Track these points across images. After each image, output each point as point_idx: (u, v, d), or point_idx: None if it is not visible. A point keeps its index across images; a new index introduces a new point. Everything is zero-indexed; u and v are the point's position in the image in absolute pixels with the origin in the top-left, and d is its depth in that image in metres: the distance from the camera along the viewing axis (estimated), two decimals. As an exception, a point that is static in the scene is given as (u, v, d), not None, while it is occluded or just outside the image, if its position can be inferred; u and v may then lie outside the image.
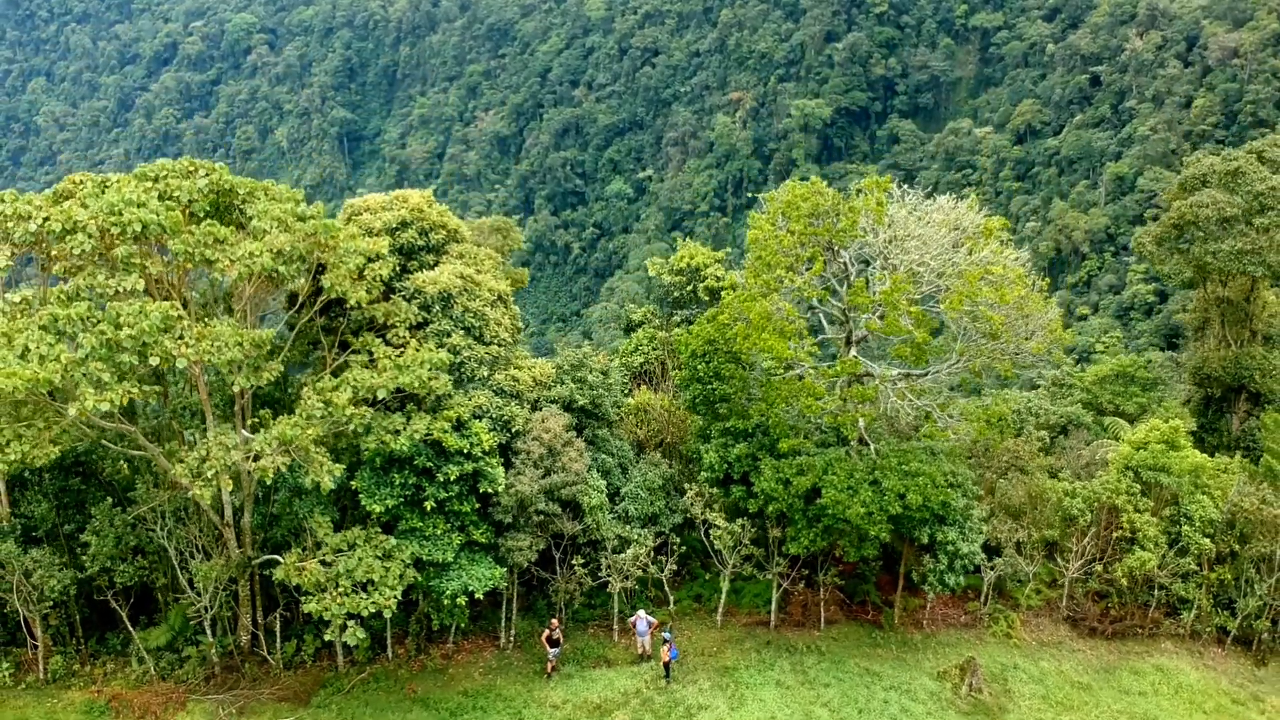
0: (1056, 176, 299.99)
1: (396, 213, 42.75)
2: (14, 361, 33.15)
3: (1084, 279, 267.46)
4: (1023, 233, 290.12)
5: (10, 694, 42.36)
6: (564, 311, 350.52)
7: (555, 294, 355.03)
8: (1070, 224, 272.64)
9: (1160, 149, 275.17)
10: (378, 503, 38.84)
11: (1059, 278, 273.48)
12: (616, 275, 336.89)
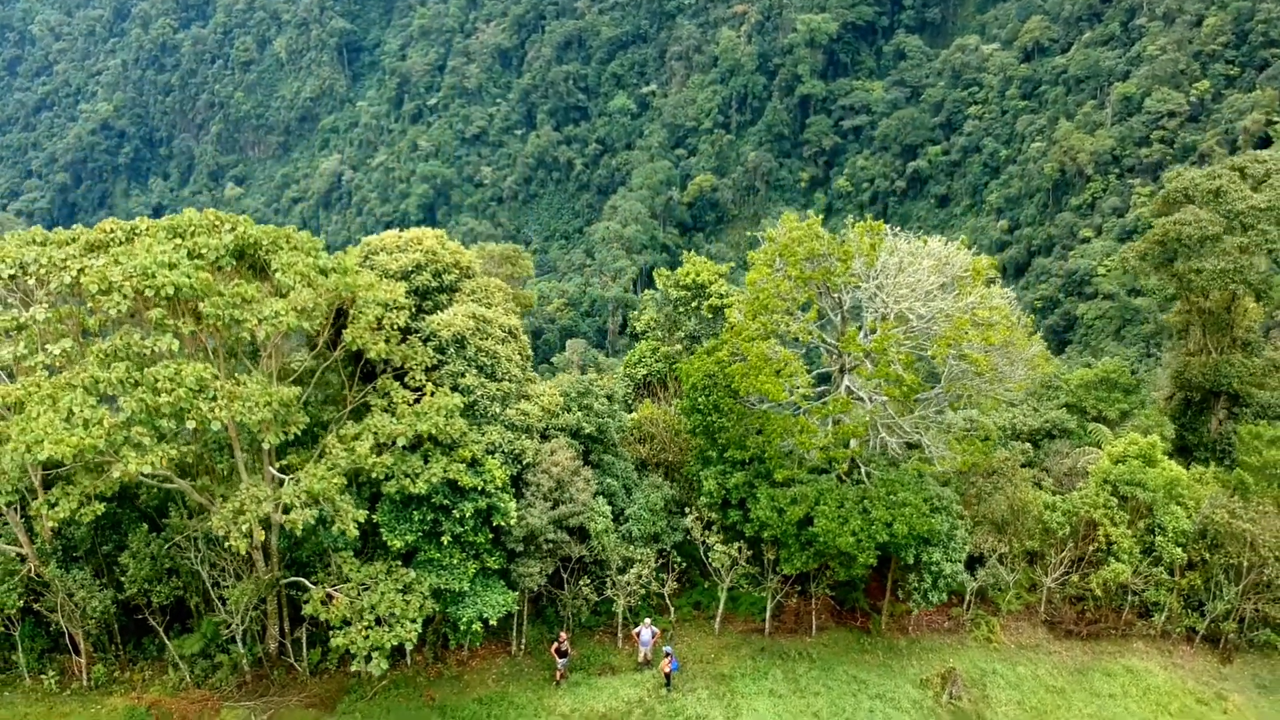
0: (1063, 96, 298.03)
1: (411, 255, 44.82)
2: (60, 426, 35.57)
3: (1088, 201, 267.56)
4: (1028, 153, 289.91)
5: (57, 700, 45.58)
6: (566, 229, 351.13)
7: (558, 211, 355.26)
8: (1076, 145, 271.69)
9: (1169, 69, 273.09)
10: (398, 538, 41.60)
11: (1063, 200, 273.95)
12: (619, 193, 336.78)
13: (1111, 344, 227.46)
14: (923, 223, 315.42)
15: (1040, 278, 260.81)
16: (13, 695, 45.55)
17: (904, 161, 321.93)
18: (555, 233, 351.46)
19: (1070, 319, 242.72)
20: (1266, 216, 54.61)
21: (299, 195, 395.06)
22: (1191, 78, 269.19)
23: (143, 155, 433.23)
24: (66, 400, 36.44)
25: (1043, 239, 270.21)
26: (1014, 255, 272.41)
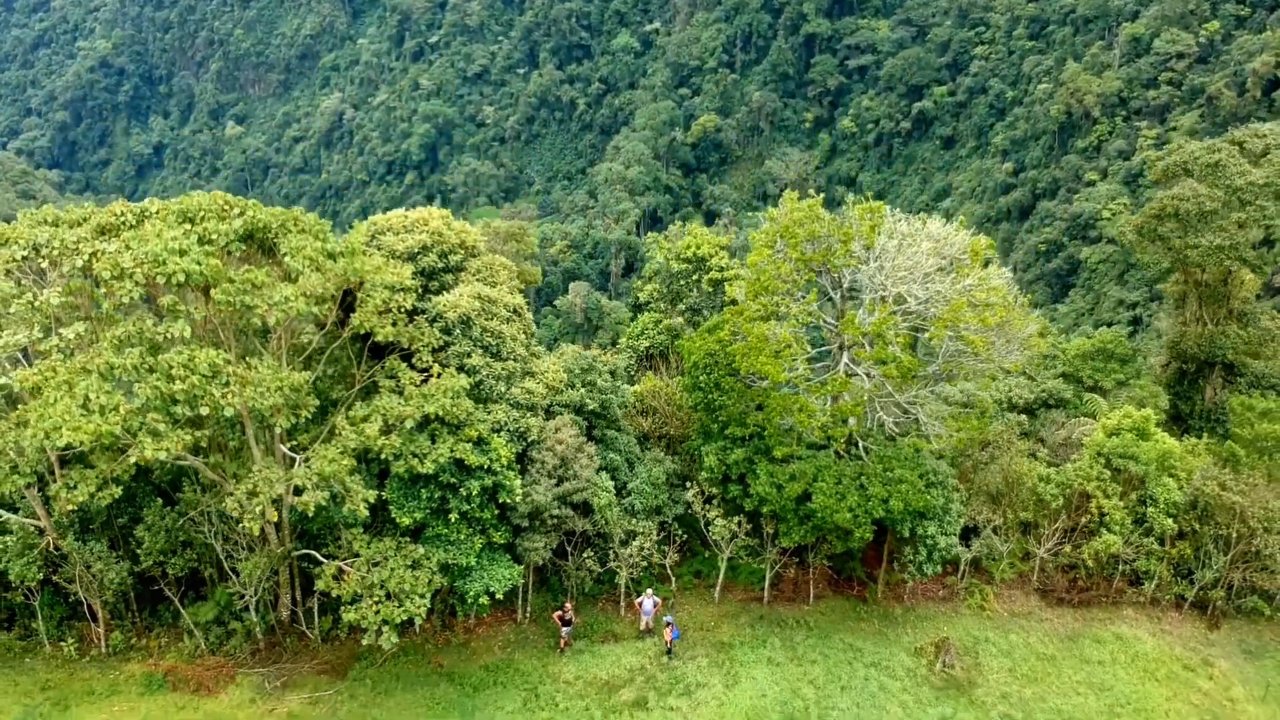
0: (1071, 36, 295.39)
1: (417, 237, 45.48)
2: (77, 412, 36.52)
3: (1094, 144, 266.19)
4: (1034, 95, 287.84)
5: (77, 666, 47.02)
6: (569, 169, 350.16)
7: (560, 151, 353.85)
8: (1082, 87, 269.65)
9: (1178, 9, 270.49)
10: (407, 515, 42.71)
11: (1069, 142, 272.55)
12: (622, 133, 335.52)
13: (1114, 288, 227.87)
14: (927, 164, 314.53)
15: (1044, 221, 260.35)
16: (34, 661, 47.00)
17: (909, 102, 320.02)
18: (558, 173, 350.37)
19: (1074, 263, 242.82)
20: (1264, 192, 55.00)
21: (300, 134, 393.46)
22: (1201, 18, 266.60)
23: (142, 93, 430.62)
24: (83, 386, 37.34)
25: (1048, 182, 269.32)
26: (1018, 198, 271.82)
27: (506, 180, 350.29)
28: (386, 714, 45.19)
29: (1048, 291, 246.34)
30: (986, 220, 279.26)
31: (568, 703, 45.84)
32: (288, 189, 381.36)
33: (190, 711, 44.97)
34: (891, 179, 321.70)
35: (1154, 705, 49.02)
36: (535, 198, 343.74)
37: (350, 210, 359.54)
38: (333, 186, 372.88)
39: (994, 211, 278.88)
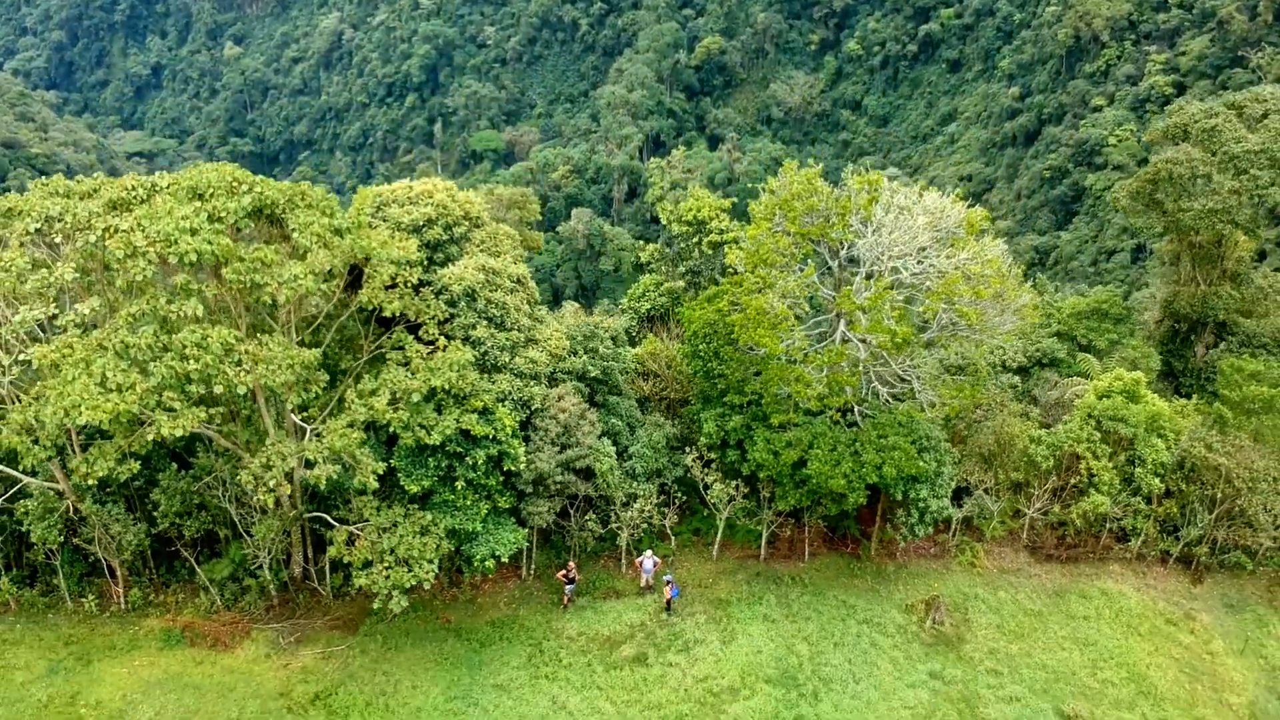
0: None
1: (422, 209, 46.31)
2: (95, 391, 37.75)
3: (1101, 69, 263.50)
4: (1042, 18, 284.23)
5: (98, 622, 48.80)
6: (571, 92, 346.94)
7: (563, 73, 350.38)
8: (1091, 10, 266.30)
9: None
10: (415, 483, 44.13)
11: (1076, 67, 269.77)
12: (625, 55, 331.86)
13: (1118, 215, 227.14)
14: (933, 88, 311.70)
15: (1050, 147, 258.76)
16: (56, 617, 48.77)
17: (916, 24, 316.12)
18: (560, 96, 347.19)
19: (1078, 189, 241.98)
20: (1259, 160, 55.43)
21: (299, 55, 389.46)
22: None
23: (139, 12, 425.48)
24: (100, 364, 38.53)
25: (1054, 107, 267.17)
26: (1024, 123, 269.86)
27: (508, 103, 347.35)
28: (397, 669, 47.03)
29: (1052, 218, 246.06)
30: (991, 145, 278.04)
31: (571, 658, 47.67)
32: (287, 111, 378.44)
33: (208, 666, 46.80)
34: (897, 103, 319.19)
35: (1136, 659, 50.86)
36: (537, 121, 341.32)
37: (350, 133, 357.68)
38: (332, 109, 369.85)
39: (999, 137, 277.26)
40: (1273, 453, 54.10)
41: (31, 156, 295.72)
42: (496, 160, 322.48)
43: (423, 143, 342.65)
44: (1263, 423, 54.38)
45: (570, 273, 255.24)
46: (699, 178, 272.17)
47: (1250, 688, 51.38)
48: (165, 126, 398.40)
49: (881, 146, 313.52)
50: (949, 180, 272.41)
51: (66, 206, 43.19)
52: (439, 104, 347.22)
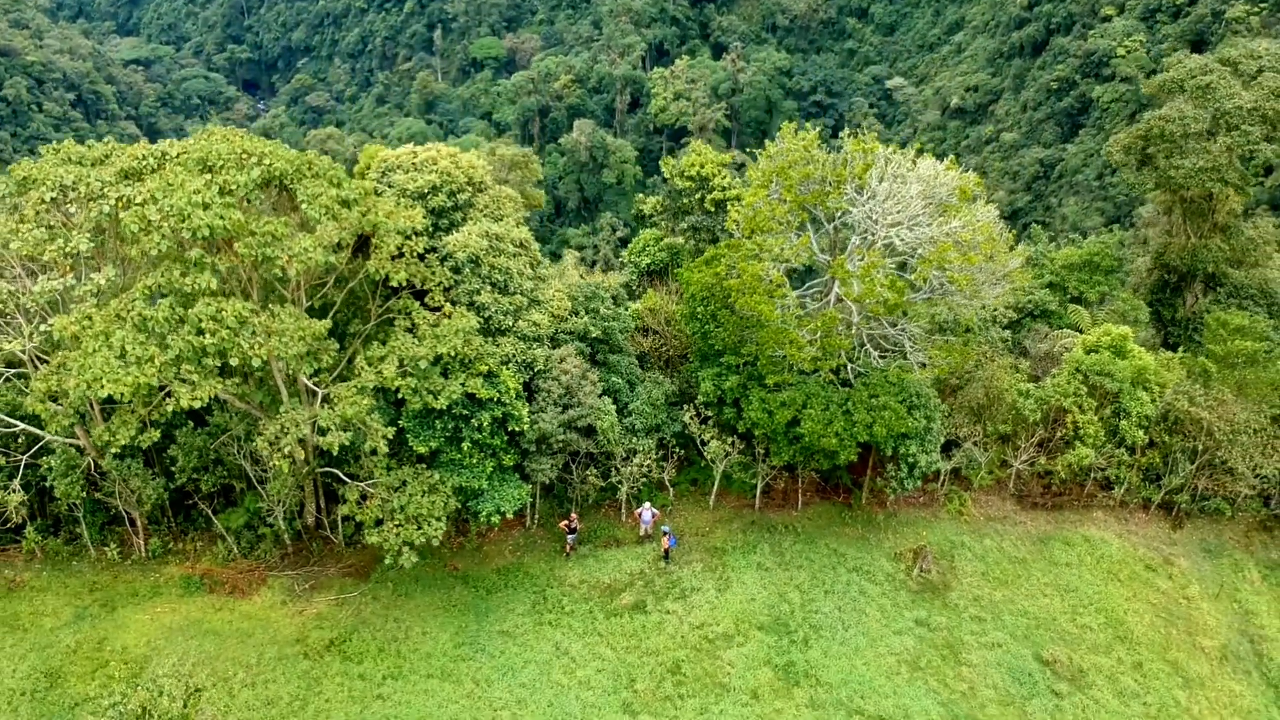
0: None
1: (426, 177, 47.33)
2: (116, 364, 39.32)
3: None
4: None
5: (121, 569, 51.02)
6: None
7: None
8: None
9: None
10: (422, 444, 45.97)
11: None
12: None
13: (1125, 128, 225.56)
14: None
15: (1057, 58, 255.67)
16: (80, 565, 50.97)
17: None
18: (562, 1, 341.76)
19: (1085, 101, 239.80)
20: (1251, 117, 56.02)
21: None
22: None
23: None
24: (119, 336, 40.02)
25: (1063, 16, 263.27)
26: (1032, 33, 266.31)
27: (509, 8, 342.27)
28: (407, 615, 49.34)
29: (1058, 131, 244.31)
30: (998, 56, 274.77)
31: (573, 605, 49.96)
32: (285, 16, 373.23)
33: (227, 613, 49.10)
34: (904, 10, 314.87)
35: (1114, 605, 53.18)
36: (538, 27, 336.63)
37: (349, 39, 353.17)
38: (330, 14, 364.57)
39: (1006, 47, 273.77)
40: (1255, 405, 55.72)
41: (27, 64, 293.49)
42: (497, 68, 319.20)
43: (422, 50, 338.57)
44: (1245, 375, 55.89)
45: (572, 185, 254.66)
46: (703, 87, 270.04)
47: (1223, 631, 53.80)
48: (161, 33, 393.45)
49: (888, 55, 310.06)
50: (955, 90, 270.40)
51: (80, 175, 44.27)
52: (439, 9, 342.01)
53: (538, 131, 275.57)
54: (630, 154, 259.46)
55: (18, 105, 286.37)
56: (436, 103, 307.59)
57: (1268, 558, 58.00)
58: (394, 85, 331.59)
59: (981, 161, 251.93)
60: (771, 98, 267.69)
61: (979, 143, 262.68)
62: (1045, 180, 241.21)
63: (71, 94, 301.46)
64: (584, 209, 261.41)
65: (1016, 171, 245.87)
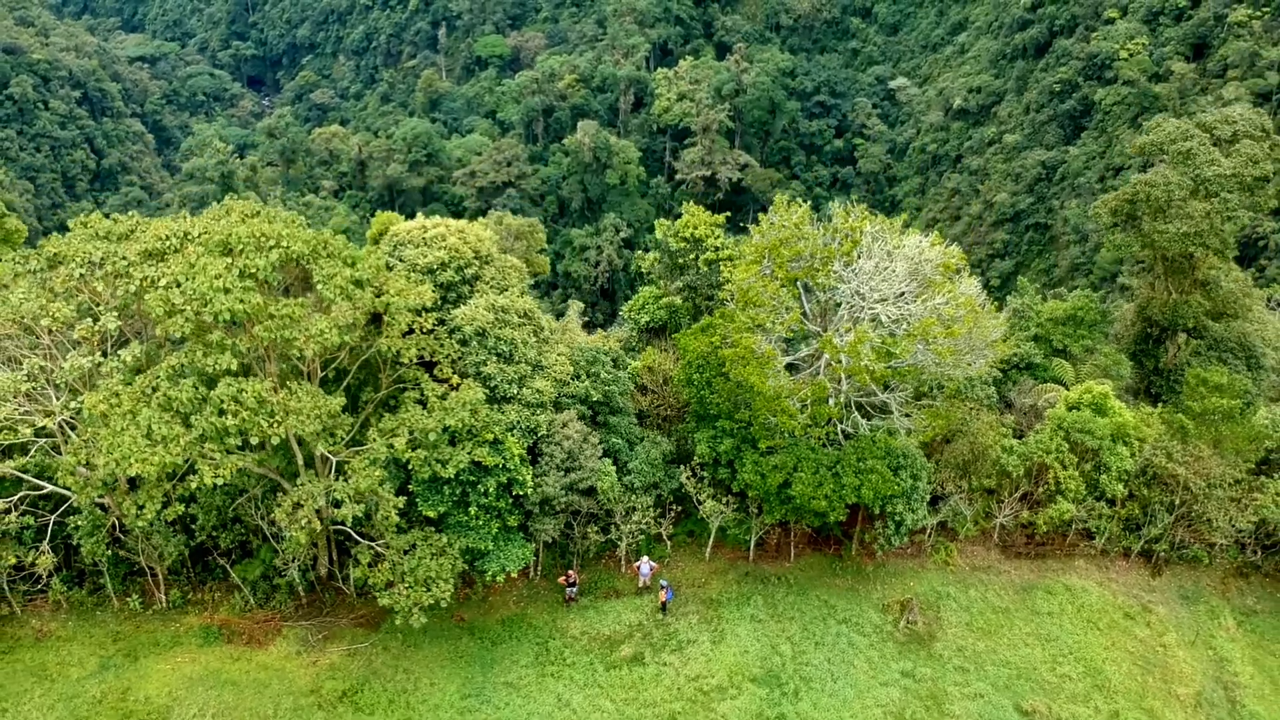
0: None
1: (436, 253, 49.67)
2: (143, 443, 41.68)
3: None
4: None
5: (142, 619, 53.46)
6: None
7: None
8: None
9: None
10: (431, 508, 48.33)
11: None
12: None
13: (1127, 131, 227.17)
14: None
15: (1060, 60, 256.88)
16: (104, 615, 53.43)
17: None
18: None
19: (1088, 104, 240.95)
20: (1230, 183, 58.07)
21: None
22: None
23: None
24: (145, 415, 42.38)
25: (1066, 18, 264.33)
26: (1035, 35, 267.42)
27: (513, 6, 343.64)
28: (416, 666, 51.80)
29: (1060, 133, 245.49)
30: (1001, 57, 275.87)
31: (574, 657, 52.39)
32: (289, 13, 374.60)
33: (244, 663, 51.57)
34: (908, 10, 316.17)
35: (1093, 654, 55.50)
36: (543, 25, 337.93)
37: (354, 36, 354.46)
38: (335, 11, 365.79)
39: (1009, 48, 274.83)
40: (1231, 459, 57.94)
41: (33, 63, 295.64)
42: (501, 66, 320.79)
43: (427, 47, 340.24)
44: (1222, 431, 58.06)
45: (576, 186, 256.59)
46: (706, 88, 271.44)
47: (1198, 679, 56.10)
48: (166, 29, 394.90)
49: (891, 55, 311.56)
50: (958, 91, 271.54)
51: (107, 252, 46.76)
52: (443, 7, 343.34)
53: (541, 131, 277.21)
54: (634, 155, 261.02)
55: (24, 103, 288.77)
56: (441, 101, 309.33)
57: (1243, 604, 60.27)
58: (398, 83, 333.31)
59: (984, 163, 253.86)
60: (775, 98, 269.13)
61: (981, 144, 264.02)
62: (1047, 182, 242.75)
63: (77, 91, 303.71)
64: (587, 209, 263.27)
65: (1019, 173, 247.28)
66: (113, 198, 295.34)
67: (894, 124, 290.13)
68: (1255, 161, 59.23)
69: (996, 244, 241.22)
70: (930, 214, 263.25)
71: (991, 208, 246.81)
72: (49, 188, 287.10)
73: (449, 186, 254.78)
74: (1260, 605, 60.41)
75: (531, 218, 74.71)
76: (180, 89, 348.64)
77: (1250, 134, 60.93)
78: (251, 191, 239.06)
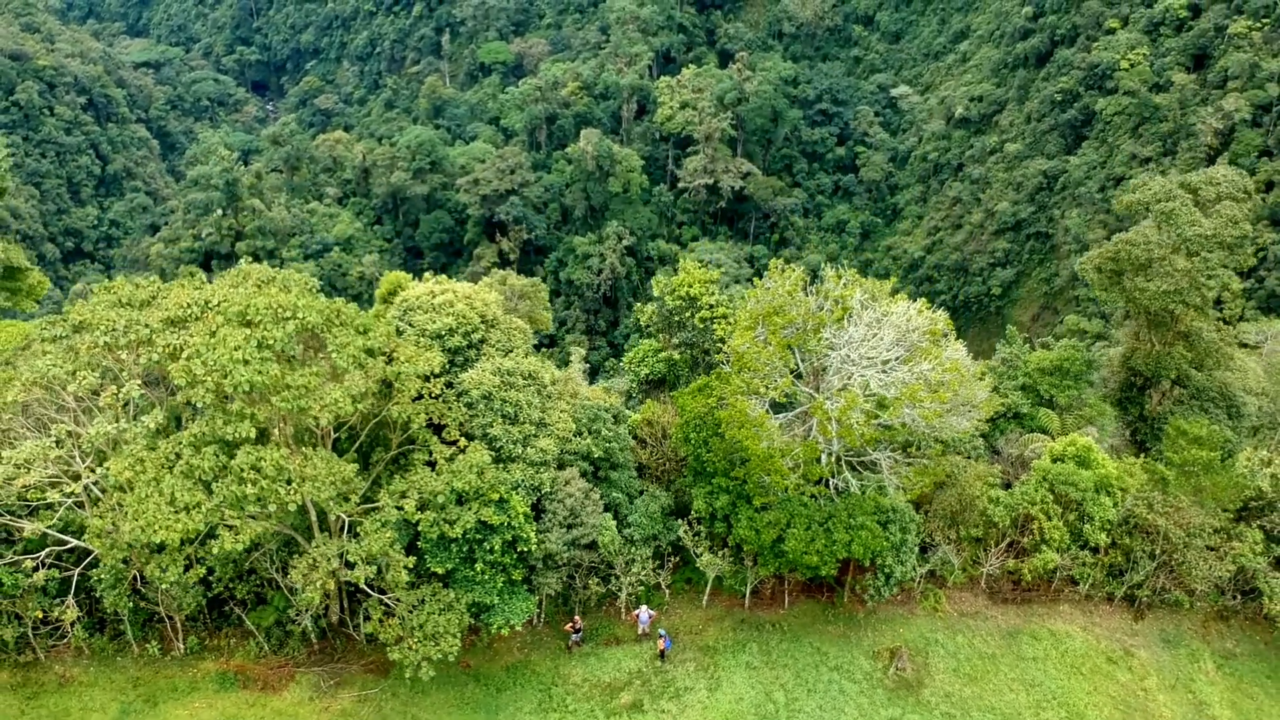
0: None
1: (444, 319, 51.83)
2: (168, 511, 43.86)
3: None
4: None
5: (161, 665, 55.66)
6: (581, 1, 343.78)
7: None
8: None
9: None
10: (439, 565, 50.46)
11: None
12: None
13: (1128, 141, 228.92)
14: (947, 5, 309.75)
15: (1062, 70, 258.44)
16: (124, 660, 55.64)
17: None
18: (569, 6, 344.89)
19: (1089, 113, 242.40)
20: (1210, 243, 60.12)
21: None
22: None
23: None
24: (169, 483, 44.55)
25: (1067, 28, 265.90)
26: (1036, 44, 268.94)
27: (516, 13, 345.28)
28: (424, 712, 53.99)
29: (1061, 142, 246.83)
30: (1003, 66, 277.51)
31: (576, 704, 54.57)
32: (293, 18, 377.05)
33: (259, 709, 53.80)
34: (910, 19, 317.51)
35: (1076, 699, 57.61)
36: (546, 32, 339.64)
37: (358, 42, 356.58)
38: (339, 17, 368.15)
39: (1011, 57, 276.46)
40: (1211, 509, 60.01)
41: (39, 69, 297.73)
42: (505, 73, 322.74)
43: (430, 53, 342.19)
44: (1202, 482, 60.12)
45: (579, 194, 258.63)
46: (709, 96, 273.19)
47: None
48: (171, 34, 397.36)
49: (893, 63, 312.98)
50: (960, 100, 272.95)
51: (130, 320, 48.90)
52: (447, 13, 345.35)
53: (544, 139, 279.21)
54: (636, 163, 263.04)
55: (29, 109, 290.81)
56: (444, 107, 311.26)
57: (1223, 647, 62.39)
58: (402, 89, 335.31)
59: (986, 171, 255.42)
60: (777, 107, 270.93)
61: (983, 153, 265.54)
62: (1048, 192, 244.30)
63: (83, 97, 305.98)
64: (590, 217, 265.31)
65: (1020, 182, 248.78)
66: (118, 204, 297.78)
67: (896, 132, 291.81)
68: (1235, 222, 61.29)
69: (998, 252, 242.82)
70: (932, 222, 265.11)
71: (993, 216, 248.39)
72: (54, 193, 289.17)
73: (452, 194, 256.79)
74: (1239, 648, 62.51)
75: (534, 278, 76.97)
76: (185, 94, 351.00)
77: (1233, 195, 62.95)
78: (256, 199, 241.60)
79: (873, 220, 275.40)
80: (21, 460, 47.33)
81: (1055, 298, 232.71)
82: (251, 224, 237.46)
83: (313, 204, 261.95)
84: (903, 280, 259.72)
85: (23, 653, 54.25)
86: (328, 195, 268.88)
